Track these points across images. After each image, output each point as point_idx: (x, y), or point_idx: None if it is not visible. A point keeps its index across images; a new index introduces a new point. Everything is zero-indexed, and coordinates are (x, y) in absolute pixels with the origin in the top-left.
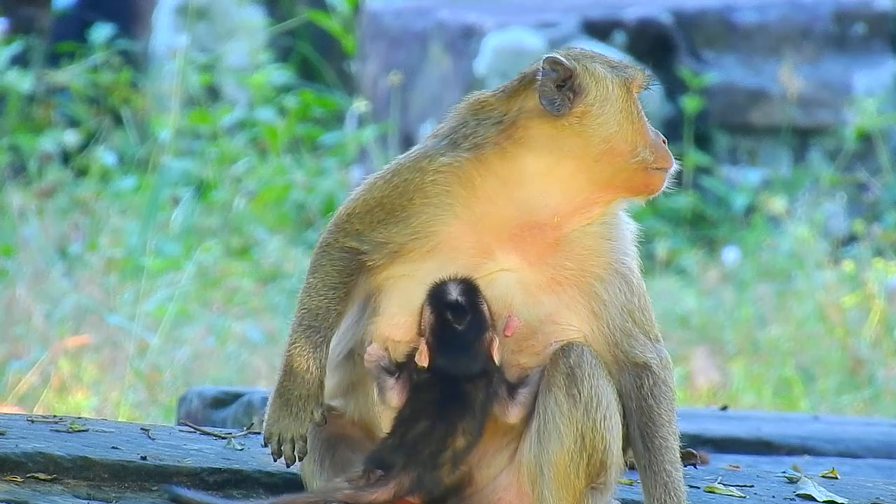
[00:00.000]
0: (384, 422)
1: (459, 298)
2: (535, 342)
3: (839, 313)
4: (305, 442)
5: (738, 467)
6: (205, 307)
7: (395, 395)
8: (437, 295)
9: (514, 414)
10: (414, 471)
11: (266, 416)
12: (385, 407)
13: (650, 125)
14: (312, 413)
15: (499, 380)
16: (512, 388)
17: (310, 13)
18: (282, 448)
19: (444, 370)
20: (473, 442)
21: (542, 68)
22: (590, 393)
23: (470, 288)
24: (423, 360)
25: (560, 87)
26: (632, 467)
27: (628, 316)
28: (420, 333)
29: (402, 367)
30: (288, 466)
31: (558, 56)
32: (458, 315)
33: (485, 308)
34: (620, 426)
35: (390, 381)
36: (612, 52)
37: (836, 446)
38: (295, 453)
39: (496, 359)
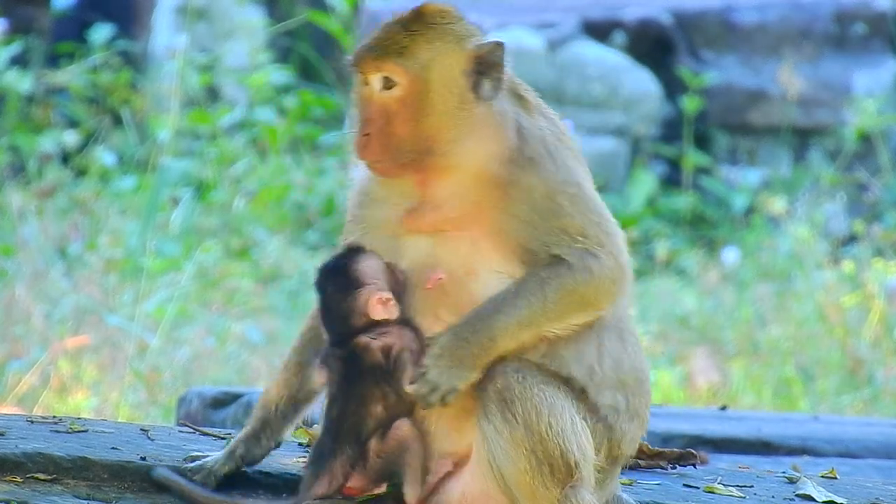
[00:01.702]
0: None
1: (328, 264)
2: (456, 293)
3: (839, 313)
4: (219, 472)
5: (747, 468)
6: (204, 307)
7: (317, 377)
8: (317, 270)
9: (409, 387)
10: (342, 453)
11: None
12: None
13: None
14: (253, 441)
15: (405, 342)
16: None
17: (309, 13)
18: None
19: (330, 339)
20: (396, 406)
21: None
22: (525, 410)
23: (346, 253)
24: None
25: None
26: (632, 467)
27: (542, 227)
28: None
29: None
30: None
31: None
32: (320, 279)
33: (362, 266)
34: (574, 421)
35: (314, 365)
36: (611, 53)
37: (836, 446)
38: (211, 477)
39: (376, 315)
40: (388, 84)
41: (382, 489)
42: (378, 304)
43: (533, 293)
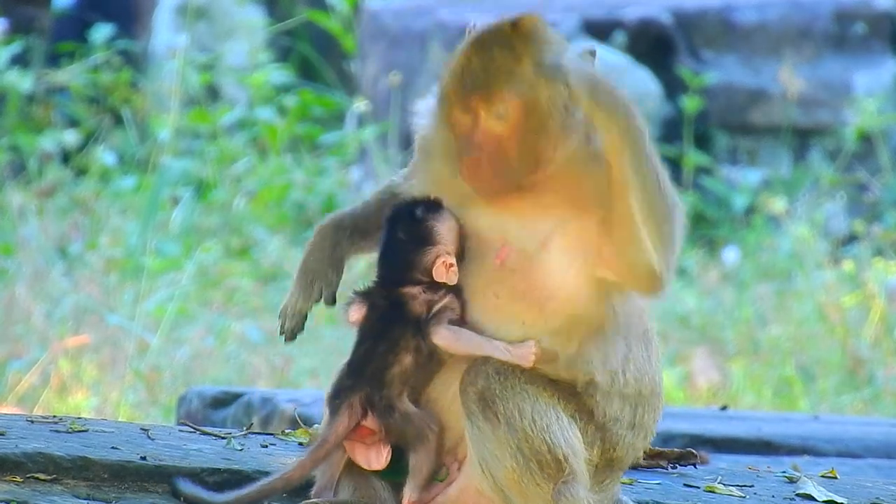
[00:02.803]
0: None
1: (411, 211)
2: (521, 273)
3: (839, 313)
4: (304, 319)
5: (756, 469)
6: (205, 307)
7: (353, 312)
8: (393, 208)
9: (436, 335)
10: (361, 390)
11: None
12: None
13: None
14: (319, 290)
15: (445, 304)
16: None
17: (309, 13)
18: (283, 324)
19: (381, 279)
20: (424, 363)
21: None
22: (506, 408)
23: (430, 206)
24: (372, 270)
25: None
26: (632, 467)
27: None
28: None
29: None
30: (285, 342)
31: None
32: (394, 221)
33: (439, 226)
34: (559, 416)
35: (353, 300)
36: (612, 53)
37: (836, 446)
38: (289, 328)
39: (437, 277)
40: (500, 113)
41: (384, 455)
42: (443, 266)
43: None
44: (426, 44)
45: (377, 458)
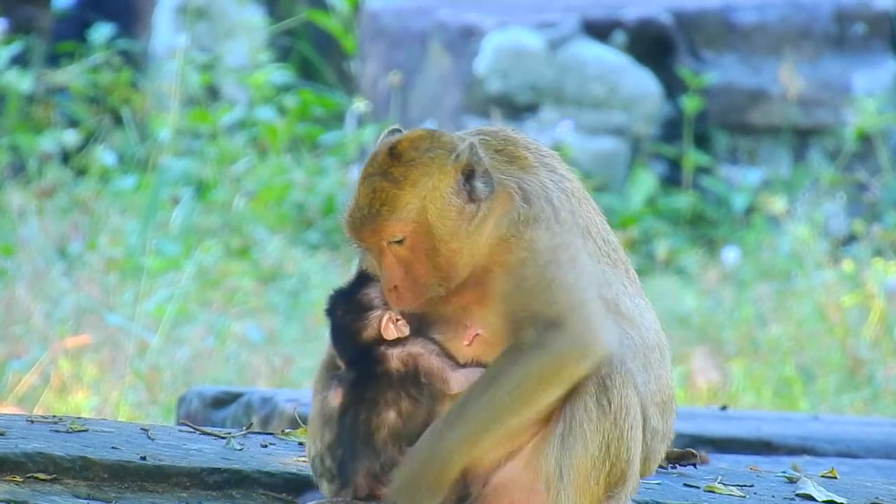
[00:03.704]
0: None
1: (342, 293)
2: (498, 343)
3: (839, 313)
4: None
5: (757, 469)
6: (205, 307)
7: (333, 398)
8: (328, 300)
9: (455, 383)
10: (362, 466)
11: None
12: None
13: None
14: None
15: (430, 351)
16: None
17: (309, 13)
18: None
19: (347, 363)
20: (413, 412)
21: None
22: (619, 403)
23: (358, 280)
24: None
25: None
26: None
27: (519, 305)
28: None
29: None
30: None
31: None
32: (330, 305)
33: (372, 291)
34: (641, 440)
35: (330, 384)
36: (611, 53)
37: (836, 446)
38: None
39: (388, 335)
40: (395, 240)
41: None
42: (389, 323)
43: (483, 399)
44: (426, 44)
45: None
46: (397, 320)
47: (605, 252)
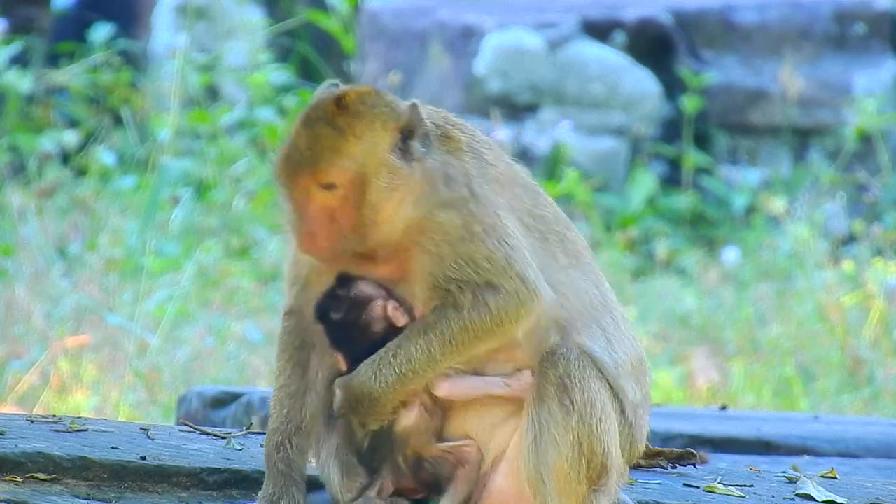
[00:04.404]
0: None
1: (331, 296)
2: None
3: (839, 313)
4: None
5: (758, 470)
6: (205, 307)
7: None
8: (316, 309)
9: (438, 389)
10: (381, 462)
11: None
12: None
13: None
14: None
15: None
16: None
17: (309, 13)
18: None
19: (354, 362)
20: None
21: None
22: (583, 399)
23: (341, 282)
24: (342, 366)
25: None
26: (632, 467)
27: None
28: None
29: None
30: None
31: None
32: (328, 308)
33: (362, 286)
34: (617, 426)
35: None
36: (611, 53)
37: (836, 446)
38: None
39: (399, 321)
40: (327, 186)
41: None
42: (396, 310)
43: (417, 342)
44: (426, 44)
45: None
46: (396, 307)
47: (533, 227)
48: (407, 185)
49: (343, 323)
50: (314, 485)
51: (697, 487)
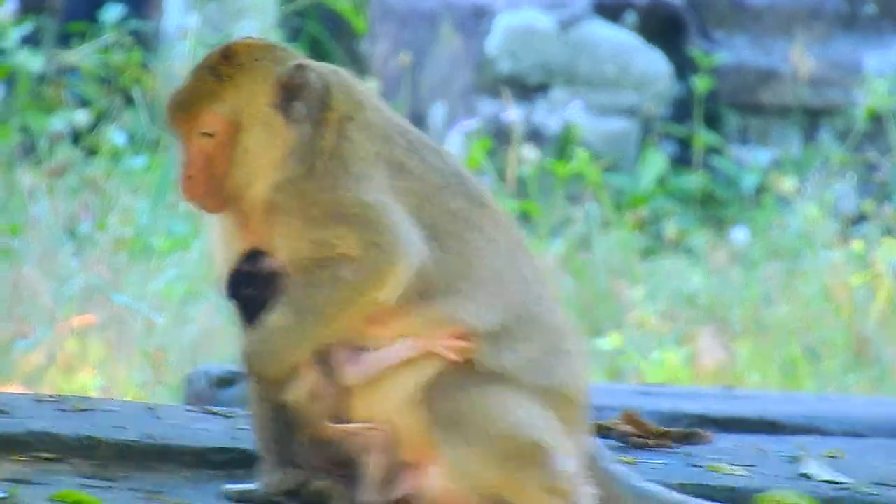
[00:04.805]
0: None
1: (235, 272)
2: None
3: (847, 293)
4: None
5: (763, 450)
6: (212, 287)
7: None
8: (225, 286)
9: (347, 377)
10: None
11: None
12: None
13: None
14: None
15: None
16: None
17: None
18: None
19: None
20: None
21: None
22: (475, 421)
23: (246, 257)
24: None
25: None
26: (638, 447)
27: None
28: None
29: None
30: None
31: None
32: (238, 284)
33: (269, 260)
34: (527, 406)
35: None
36: (622, 33)
37: (842, 426)
38: None
39: None
40: (205, 131)
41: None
42: None
43: (286, 319)
44: (436, 24)
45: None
46: None
47: (411, 193)
48: (283, 143)
49: (253, 299)
50: None
51: (702, 467)
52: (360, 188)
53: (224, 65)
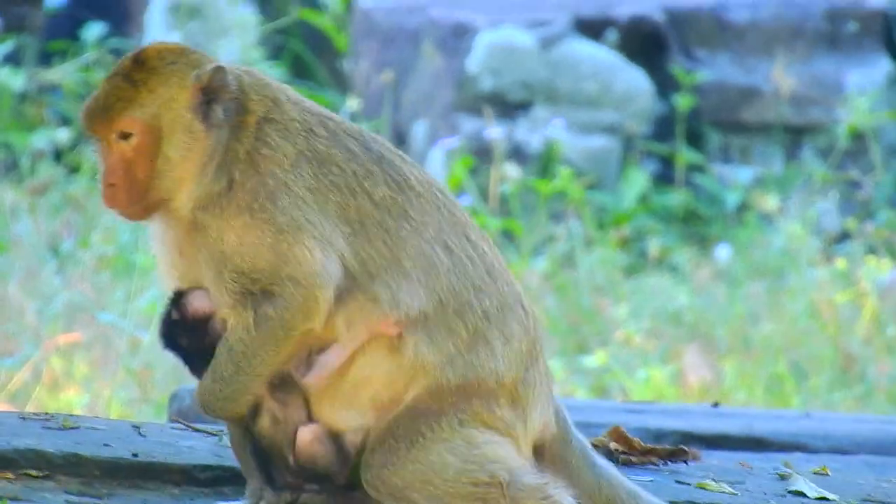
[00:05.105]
0: None
1: (165, 323)
2: None
3: (831, 310)
4: None
5: (750, 467)
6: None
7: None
8: (160, 340)
9: (310, 378)
10: (265, 471)
11: None
12: None
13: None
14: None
15: None
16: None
17: (302, 11)
18: None
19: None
20: (288, 401)
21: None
22: (418, 485)
23: (176, 298)
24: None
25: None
26: (624, 463)
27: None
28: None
29: None
30: None
31: None
32: (169, 337)
33: (195, 301)
34: (466, 436)
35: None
36: (603, 51)
37: (828, 443)
38: None
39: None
40: (123, 135)
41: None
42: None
43: (227, 365)
44: (418, 42)
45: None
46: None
47: (342, 204)
48: (203, 149)
49: (191, 348)
50: None
51: (689, 484)
52: (275, 208)
53: (136, 70)
